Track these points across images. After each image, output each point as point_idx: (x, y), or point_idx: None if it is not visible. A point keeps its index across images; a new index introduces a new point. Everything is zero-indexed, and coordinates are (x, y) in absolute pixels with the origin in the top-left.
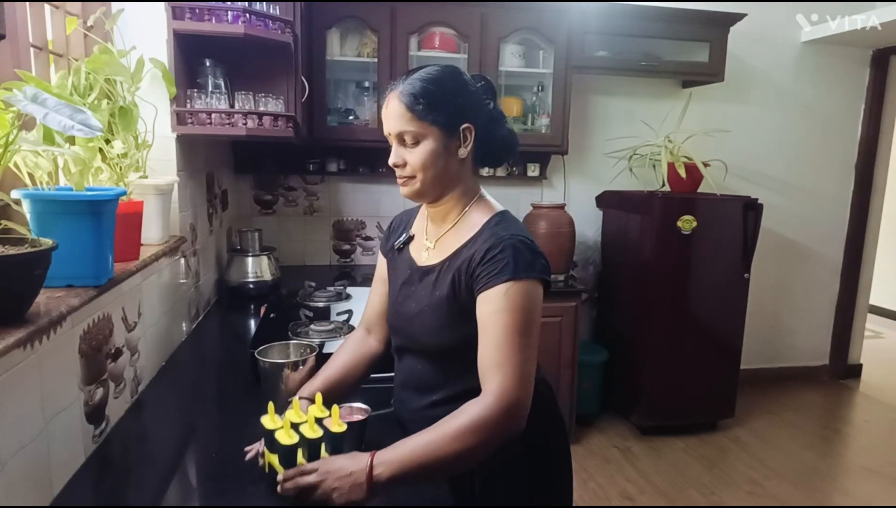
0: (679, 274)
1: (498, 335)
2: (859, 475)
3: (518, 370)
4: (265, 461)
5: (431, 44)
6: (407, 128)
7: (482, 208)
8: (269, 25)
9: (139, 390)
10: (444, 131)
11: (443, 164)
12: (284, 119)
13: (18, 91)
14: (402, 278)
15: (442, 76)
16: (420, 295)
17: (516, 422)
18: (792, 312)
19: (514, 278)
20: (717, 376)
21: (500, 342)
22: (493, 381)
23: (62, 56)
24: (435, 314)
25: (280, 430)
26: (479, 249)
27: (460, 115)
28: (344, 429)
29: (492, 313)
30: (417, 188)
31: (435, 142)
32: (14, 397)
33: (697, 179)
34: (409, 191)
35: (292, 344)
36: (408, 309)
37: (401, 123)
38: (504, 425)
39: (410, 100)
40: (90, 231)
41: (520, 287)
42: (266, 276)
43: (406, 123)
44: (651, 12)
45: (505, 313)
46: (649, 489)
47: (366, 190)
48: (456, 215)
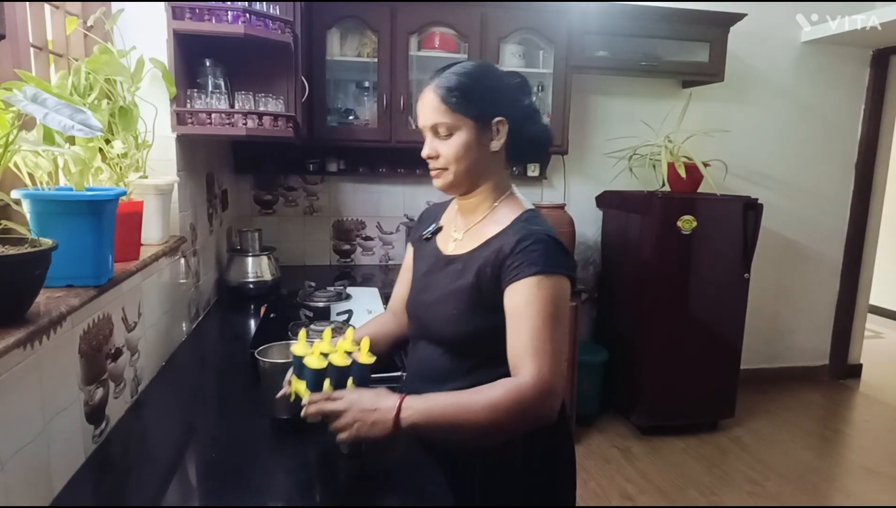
0: (679, 274)
1: (532, 324)
2: (859, 475)
3: (554, 358)
4: (292, 389)
5: (431, 44)
6: (441, 120)
7: (513, 204)
8: (269, 25)
9: (139, 390)
10: (476, 124)
11: (475, 156)
12: (284, 119)
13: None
14: (426, 267)
15: (476, 70)
16: (442, 283)
17: (548, 409)
18: (792, 312)
19: (544, 272)
20: (717, 376)
21: (535, 331)
22: (530, 366)
23: (62, 56)
24: (454, 303)
25: (310, 356)
26: (510, 241)
27: (493, 108)
28: (373, 361)
29: (525, 304)
30: (450, 180)
31: (468, 134)
32: (14, 397)
33: (697, 179)
34: (441, 183)
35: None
36: (427, 297)
37: (435, 115)
38: (537, 408)
39: (445, 92)
40: (90, 231)
41: (550, 281)
42: (266, 276)
43: (440, 115)
44: (651, 12)
45: (538, 303)
46: (649, 489)
47: (366, 190)
48: (486, 209)
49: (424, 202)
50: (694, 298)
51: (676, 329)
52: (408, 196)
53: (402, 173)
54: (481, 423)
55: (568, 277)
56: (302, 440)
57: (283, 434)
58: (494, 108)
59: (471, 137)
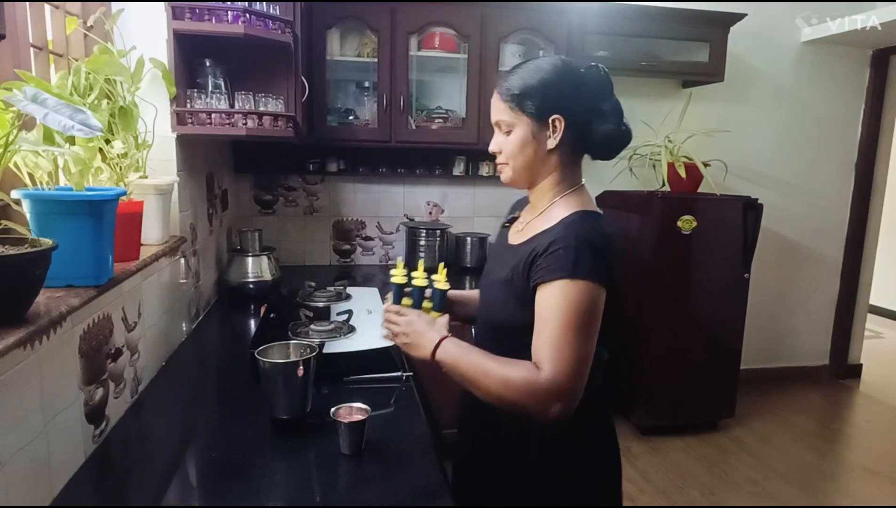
0: (679, 274)
1: (553, 330)
2: (859, 475)
3: (572, 364)
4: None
5: (431, 44)
6: (502, 117)
7: (570, 203)
8: (269, 25)
9: (139, 390)
10: (533, 121)
11: (531, 152)
12: (284, 119)
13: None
14: (494, 252)
15: (539, 68)
16: (495, 271)
17: (554, 410)
18: (792, 312)
19: (570, 277)
20: (717, 376)
21: (555, 338)
22: (548, 367)
23: (62, 56)
24: (496, 291)
25: (396, 275)
26: (545, 242)
27: (551, 106)
28: (448, 287)
29: (549, 309)
30: (510, 176)
31: (523, 131)
32: (14, 397)
33: (697, 179)
34: (503, 177)
35: (292, 344)
36: (485, 281)
37: (497, 112)
38: (543, 404)
39: (505, 91)
40: (90, 231)
41: (576, 286)
42: (266, 276)
43: (501, 113)
44: (651, 12)
45: (561, 311)
46: (649, 489)
47: (366, 190)
48: (544, 205)
49: (425, 202)
50: (694, 298)
51: (676, 329)
52: (408, 196)
53: (402, 173)
54: (491, 390)
55: (598, 282)
56: (302, 441)
57: (283, 434)
58: (552, 106)
59: (526, 133)
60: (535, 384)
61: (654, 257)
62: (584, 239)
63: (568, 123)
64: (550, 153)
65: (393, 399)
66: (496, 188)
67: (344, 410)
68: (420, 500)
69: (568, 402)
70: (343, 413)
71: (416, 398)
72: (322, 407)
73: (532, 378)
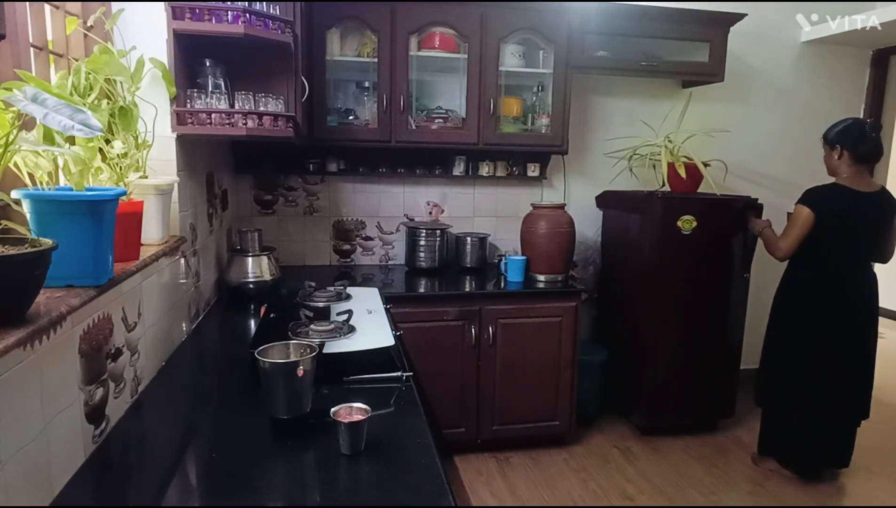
0: (679, 274)
1: None
2: (859, 475)
3: None
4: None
5: (431, 44)
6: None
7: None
8: (269, 25)
9: (139, 390)
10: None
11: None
12: (284, 119)
13: (18, 91)
14: None
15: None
16: None
17: None
18: None
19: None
20: (717, 376)
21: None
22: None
23: (62, 56)
24: None
25: None
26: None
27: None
28: None
29: None
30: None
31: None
32: (14, 397)
33: (697, 179)
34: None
35: (292, 344)
36: None
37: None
38: None
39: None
40: (90, 231)
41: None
42: (266, 276)
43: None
44: (651, 12)
45: None
46: (649, 489)
47: (366, 190)
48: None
49: (424, 202)
50: (694, 298)
51: (676, 329)
52: (408, 196)
53: (402, 173)
54: None
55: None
56: (302, 441)
57: (283, 434)
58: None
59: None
60: None
61: (654, 257)
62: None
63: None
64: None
65: (393, 399)
66: (496, 188)
67: (344, 410)
68: (420, 500)
69: None
70: (343, 413)
71: (416, 398)
72: (322, 407)
73: None
